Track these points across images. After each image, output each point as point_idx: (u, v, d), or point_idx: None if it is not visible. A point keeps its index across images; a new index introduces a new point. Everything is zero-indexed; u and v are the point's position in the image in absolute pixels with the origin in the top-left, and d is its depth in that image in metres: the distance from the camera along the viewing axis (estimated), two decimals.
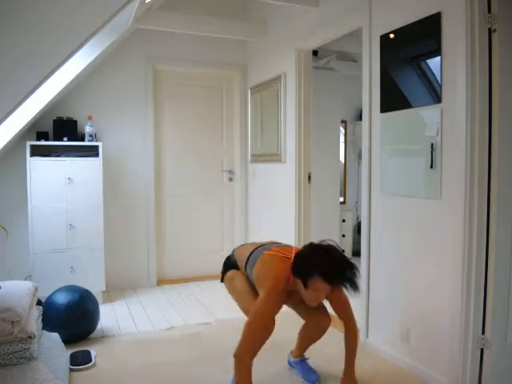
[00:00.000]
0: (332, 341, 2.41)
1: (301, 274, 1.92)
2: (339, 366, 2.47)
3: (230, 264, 2.39)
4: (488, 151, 2.07)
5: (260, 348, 1.92)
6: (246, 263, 2.22)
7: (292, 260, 2.01)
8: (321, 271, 1.84)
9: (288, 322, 2.48)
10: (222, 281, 2.42)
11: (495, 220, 2.07)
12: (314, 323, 2.31)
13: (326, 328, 2.30)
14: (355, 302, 3.09)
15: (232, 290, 2.32)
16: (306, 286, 1.91)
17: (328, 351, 2.58)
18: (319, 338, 2.35)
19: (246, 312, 2.19)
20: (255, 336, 1.92)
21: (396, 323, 2.56)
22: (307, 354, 2.44)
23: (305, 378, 2.35)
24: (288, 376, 2.42)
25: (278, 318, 2.14)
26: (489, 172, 2.07)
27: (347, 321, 2.20)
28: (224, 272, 2.40)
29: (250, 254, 2.22)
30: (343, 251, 5.50)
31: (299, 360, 2.42)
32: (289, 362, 2.50)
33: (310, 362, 2.42)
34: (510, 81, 2.05)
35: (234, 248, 2.51)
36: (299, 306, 2.29)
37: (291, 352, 2.48)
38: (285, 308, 2.44)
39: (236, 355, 1.90)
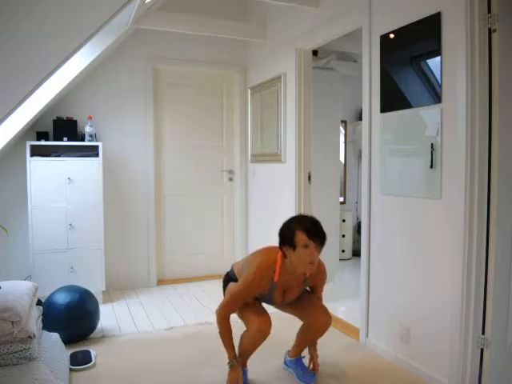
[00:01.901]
0: (329, 341, 2.41)
1: (286, 237, 2.06)
2: (333, 365, 2.48)
3: (229, 279, 2.38)
4: (488, 151, 2.07)
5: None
6: (242, 268, 2.27)
7: (278, 248, 2.13)
8: (301, 226, 2.04)
9: (286, 323, 2.48)
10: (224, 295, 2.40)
11: (495, 220, 2.07)
12: (315, 321, 2.28)
13: (326, 328, 2.29)
14: (355, 303, 3.09)
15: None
16: (294, 248, 2.02)
17: (323, 351, 2.58)
18: (318, 337, 2.34)
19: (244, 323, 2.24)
20: (228, 311, 2.20)
21: (396, 323, 2.56)
22: (303, 353, 2.43)
23: (300, 379, 2.34)
24: (284, 376, 2.42)
25: (275, 319, 2.14)
26: (489, 172, 2.07)
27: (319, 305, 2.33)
28: (224, 286, 2.39)
29: (246, 259, 2.31)
30: (343, 251, 5.46)
31: (295, 359, 2.41)
32: (285, 362, 2.49)
33: (306, 362, 2.41)
34: (510, 81, 2.05)
35: (232, 264, 2.50)
36: (296, 307, 2.31)
37: (287, 352, 2.48)
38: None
39: (218, 313, 2.20)
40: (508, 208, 2.09)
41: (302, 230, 2.01)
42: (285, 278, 2.14)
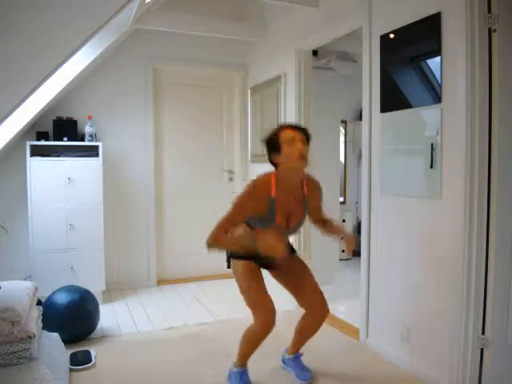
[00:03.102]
0: (329, 341, 2.41)
1: (271, 143, 2.08)
2: (333, 365, 2.48)
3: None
4: (488, 151, 2.07)
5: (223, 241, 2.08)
6: None
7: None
8: (282, 127, 2.09)
9: (286, 322, 2.48)
10: (228, 267, 2.32)
11: (495, 220, 2.07)
12: (311, 312, 2.26)
13: (324, 317, 2.25)
14: (355, 303, 3.09)
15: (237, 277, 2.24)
16: (280, 148, 2.03)
17: (322, 350, 2.58)
18: (316, 329, 2.30)
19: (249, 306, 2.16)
20: (221, 233, 2.07)
21: (396, 323, 2.56)
22: (301, 351, 2.42)
23: (298, 377, 2.33)
24: (283, 376, 2.41)
25: (276, 318, 2.14)
26: (489, 172, 2.07)
27: (323, 216, 2.33)
28: (228, 259, 2.30)
29: None
30: (343, 251, 5.46)
31: (293, 357, 2.40)
32: (283, 361, 2.48)
33: (304, 361, 2.41)
34: (510, 81, 2.05)
35: None
36: (297, 285, 2.27)
37: (286, 350, 2.47)
38: (283, 308, 2.44)
39: (208, 241, 2.06)
40: (508, 208, 2.08)
41: (283, 129, 2.06)
42: (283, 195, 2.08)
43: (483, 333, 2.10)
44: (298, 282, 2.28)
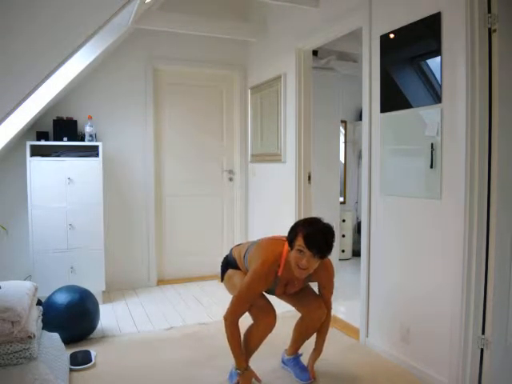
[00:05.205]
0: (329, 341, 2.41)
1: (289, 235, 2.07)
2: (333, 365, 2.47)
3: (228, 263, 2.40)
4: (488, 151, 2.07)
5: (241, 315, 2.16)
6: (244, 257, 2.27)
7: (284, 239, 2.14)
8: (305, 231, 1.99)
9: (285, 322, 2.48)
10: (221, 280, 2.42)
11: (495, 220, 2.07)
12: (308, 313, 2.29)
13: (321, 318, 2.28)
14: (355, 303, 3.10)
15: (231, 288, 2.32)
16: (292, 246, 2.03)
17: (324, 351, 2.57)
18: (314, 330, 2.33)
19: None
20: (237, 314, 2.15)
21: (396, 323, 2.56)
22: (301, 351, 2.43)
23: (298, 377, 2.34)
24: (283, 376, 2.41)
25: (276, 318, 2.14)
26: (489, 172, 2.07)
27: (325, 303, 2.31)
28: (223, 271, 2.40)
29: (248, 248, 2.29)
30: (343, 251, 5.43)
31: (293, 357, 2.41)
32: (282, 361, 2.49)
33: (304, 361, 2.41)
34: (510, 81, 2.05)
35: (231, 247, 2.52)
36: (295, 296, 2.31)
37: (285, 350, 2.48)
38: (282, 309, 2.44)
39: (226, 318, 2.15)
40: (508, 208, 2.08)
41: (303, 237, 1.97)
42: (287, 273, 2.12)
43: (483, 333, 2.10)
44: (296, 296, 2.32)
